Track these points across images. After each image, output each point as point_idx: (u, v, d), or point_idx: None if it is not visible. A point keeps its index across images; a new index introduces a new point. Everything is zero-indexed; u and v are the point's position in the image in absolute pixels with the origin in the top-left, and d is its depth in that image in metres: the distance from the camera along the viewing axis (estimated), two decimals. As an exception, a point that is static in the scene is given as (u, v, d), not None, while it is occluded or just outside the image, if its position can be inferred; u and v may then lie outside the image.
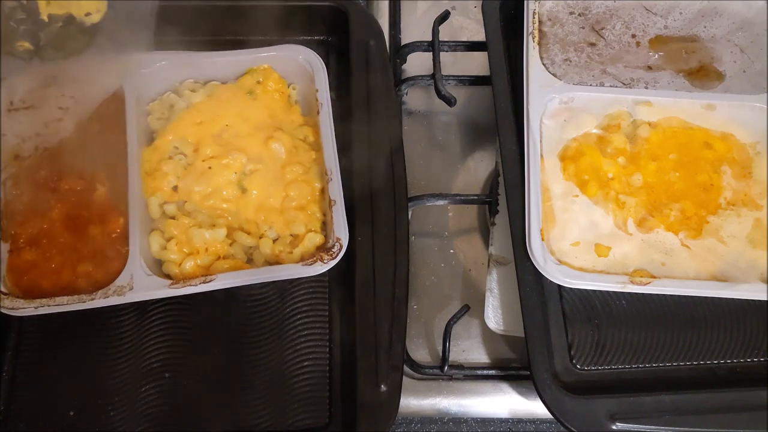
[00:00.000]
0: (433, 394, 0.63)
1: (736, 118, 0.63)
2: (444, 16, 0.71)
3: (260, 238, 0.59)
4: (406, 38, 0.79)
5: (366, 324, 0.55)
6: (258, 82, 0.65)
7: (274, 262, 0.58)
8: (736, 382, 0.55)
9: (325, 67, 0.64)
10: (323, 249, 0.57)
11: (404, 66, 0.76)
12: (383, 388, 0.53)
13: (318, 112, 0.62)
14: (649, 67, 0.66)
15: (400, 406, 0.54)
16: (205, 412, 0.56)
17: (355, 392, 0.54)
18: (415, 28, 0.80)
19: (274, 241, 0.59)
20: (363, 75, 0.65)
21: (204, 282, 0.55)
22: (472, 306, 0.62)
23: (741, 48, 0.67)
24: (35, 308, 0.54)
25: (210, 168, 0.60)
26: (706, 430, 0.53)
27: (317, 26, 0.71)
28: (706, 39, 0.68)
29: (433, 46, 0.70)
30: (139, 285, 0.55)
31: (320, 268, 0.55)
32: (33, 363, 0.57)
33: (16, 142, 0.59)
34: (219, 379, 0.55)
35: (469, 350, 0.65)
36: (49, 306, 0.54)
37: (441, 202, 0.67)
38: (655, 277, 0.56)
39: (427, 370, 0.61)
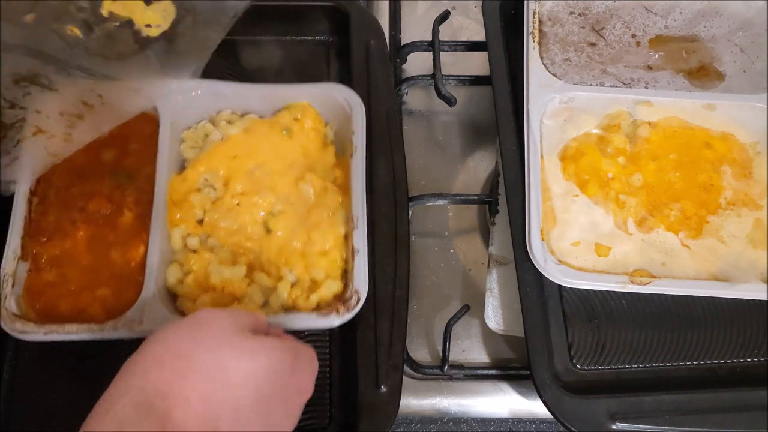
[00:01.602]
0: (433, 393, 0.63)
1: (736, 118, 0.63)
2: (444, 16, 0.71)
3: (279, 280, 0.57)
4: (406, 38, 0.79)
5: (366, 324, 0.55)
6: (296, 119, 0.63)
7: (290, 306, 0.56)
8: (736, 382, 0.55)
9: (364, 109, 0.62)
10: (341, 299, 0.55)
11: (404, 66, 0.76)
12: (383, 388, 0.53)
13: (351, 155, 0.60)
14: (649, 67, 0.66)
15: (400, 406, 0.54)
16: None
17: (356, 392, 0.54)
18: (415, 27, 0.80)
19: (293, 284, 0.57)
20: (364, 75, 0.65)
21: None
22: (472, 306, 0.62)
23: (741, 48, 0.67)
24: (44, 334, 0.53)
25: (238, 204, 0.58)
26: (706, 430, 0.53)
27: (318, 26, 0.71)
28: (706, 39, 0.68)
29: (433, 45, 0.70)
30: (150, 320, 0.53)
31: (335, 320, 0.53)
32: (33, 363, 0.57)
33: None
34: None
35: (469, 350, 0.65)
36: (58, 333, 0.53)
37: (441, 202, 0.67)
38: (655, 277, 0.56)
39: (427, 369, 0.61)
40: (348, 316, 0.53)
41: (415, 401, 0.62)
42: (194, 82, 0.62)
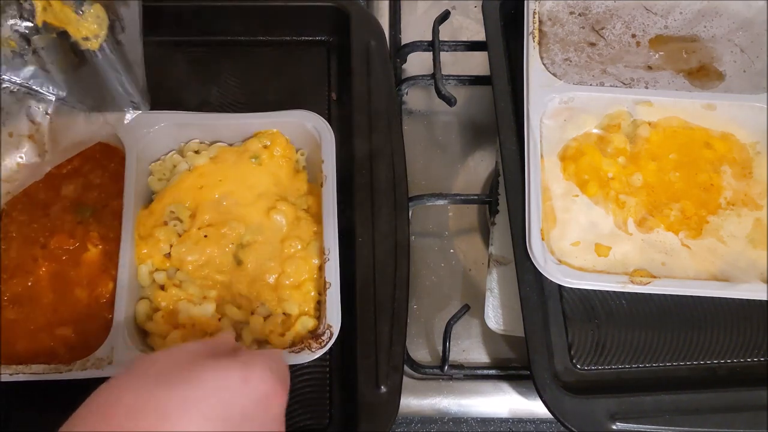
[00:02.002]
0: (433, 393, 0.63)
1: (736, 118, 0.63)
2: (444, 16, 0.71)
3: (252, 314, 0.56)
4: (406, 38, 0.79)
5: (366, 325, 0.55)
6: (265, 147, 0.61)
7: (263, 340, 0.55)
8: (736, 382, 0.55)
9: (333, 136, 0.61)
10: (314, 334, 0.54)
11: (404, 66, 0.76)
12: (383, 389, 0.53)
13: (322, 184, 0.59)
14: (650, 67, 0.66)
15: (400, 406, 0.54)
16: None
17: (356, 393, 0.54)
18: (415, 27, 0.80)
19: (266, 318, 0.56)
20: (364, 75, 0.65)
21: None
22: (472, 306, 0.62)
23: (741, 48, 0.67)
24: (10, 375, 0.51)
25: (206, 237, 0.57)
26: (706, 430, 0.53)
27: (319, 26, 0.71)
28: (706, 39, 0.68)
29: (434, 45, 0.70)
30: (119, 359, 0.52)
31: (307, 356, 0.53)
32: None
33: None
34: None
35: (469, 350, 0.65)
36: (24, 374, 0.51)
37: (441, 202, 0.67)
38: (655, 277, 0.56)
39: (427, 369, 0.61)
40: (320, 352, 0.53)
41: (415, 401, 0.62)
42: (159, 114, 0.61)
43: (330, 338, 0.53)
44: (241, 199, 0.59)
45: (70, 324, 0.55)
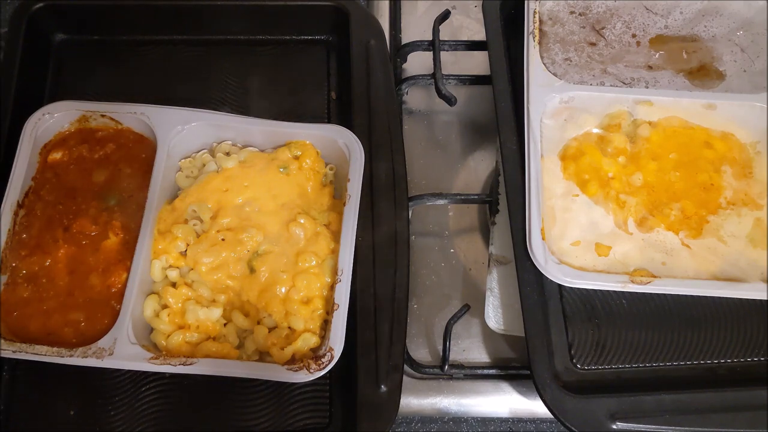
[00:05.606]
0: (434, 393, 0.63)
1: (737, 118, 0.63)
2: (444, 16, 0.71)
3: (257, 322, 0.56)
4: (406, 38, 0.79)
5: (366, 324, 0.55)
6: (295, 157, 0.62)
7: (265, 352, 0.55)
8: (736, 382, 0.55)
9: (363, 156, 0.60)
10: (315, 352, 0.54)
11: (405, 65, 0.76)
12: (383, 388, 0.53)
13: (344, 203, 0.58)
14: (650, 67, 0.66)
15: (400, 406, 0.54)
16: (205, 411, 0.56)
17: (356, 392, 0.54)
18: (416, 27, 0.80)
19: (270, 330, 0.56)
20: (364, 74, 0.65)
21: (183, 364, 0.53)
22: (472, 305, 0.62)
23: (741, 47, 0.67)
24: (13, 352, 0.52)
25: (223, 240, 0.57)
26: (706, 429, 0.53)
27: (318, 26, 0.71)
28: (706, 39, 0.68)
29: (434, 45, 0.70)
30: (120, 352, 0.53)
31: (304, 376, 0.52)
32: (33, 362, 0.57)
33: None
34: (219, 379, 0.55)
35: (470, 350, 0.65)
36: (27, 353, 0.52)
37: (441, 202, 0.67)
38: (655, 277, 0.56)
39: (427, 369, 0.61)
40: (318, 374, 0.52)
41: (416, 401, 0.62)
42: (197, 112, 0.61)
43: (330, 361, 0.53)
44: (263, 206, 0.59)
45: (82, 309, 0.55)
